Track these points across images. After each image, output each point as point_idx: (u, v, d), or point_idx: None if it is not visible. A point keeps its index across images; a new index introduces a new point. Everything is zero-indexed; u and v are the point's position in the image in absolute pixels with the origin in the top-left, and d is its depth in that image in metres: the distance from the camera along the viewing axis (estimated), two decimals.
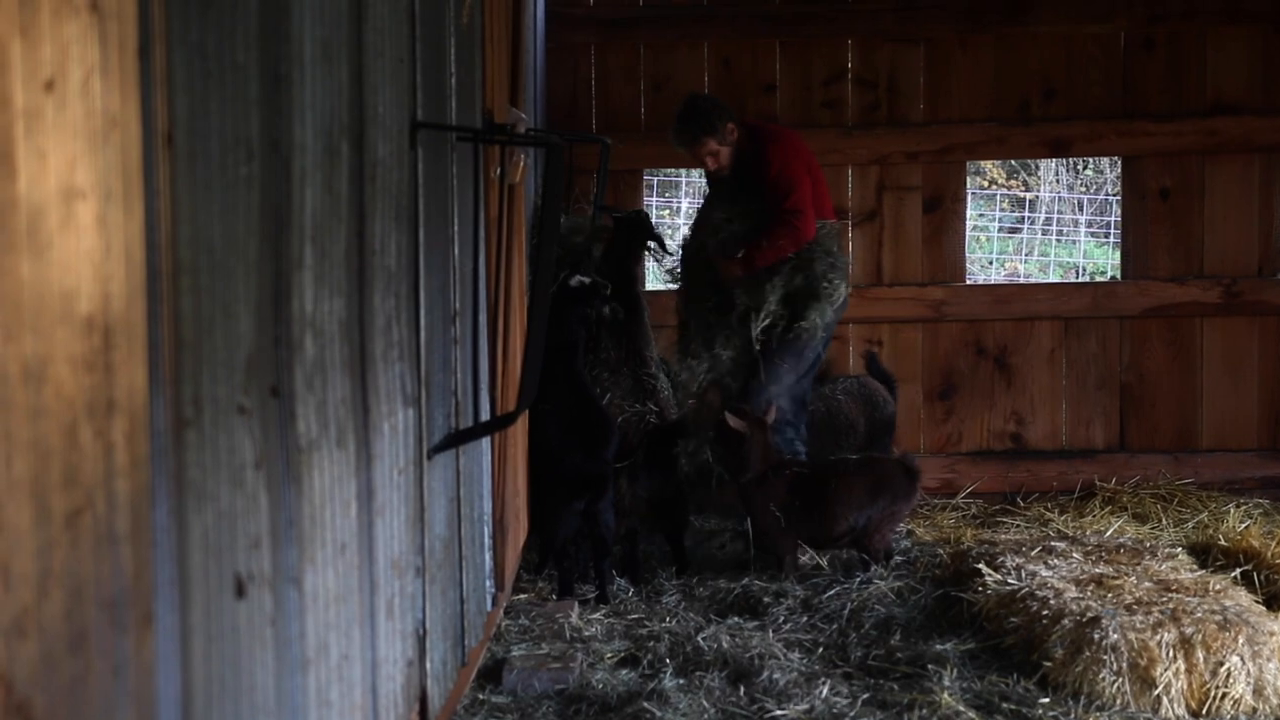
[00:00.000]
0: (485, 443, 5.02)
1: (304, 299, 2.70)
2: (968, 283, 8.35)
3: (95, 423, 1.75)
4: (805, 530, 6.21)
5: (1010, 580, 5.43)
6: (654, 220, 7.77)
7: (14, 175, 1.55)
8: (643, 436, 6.32)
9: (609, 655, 5.20)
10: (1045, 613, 5.00)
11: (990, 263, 16.08)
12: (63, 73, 1.66)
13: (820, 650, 5.25)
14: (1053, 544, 5.92)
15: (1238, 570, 5.80)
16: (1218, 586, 5.20)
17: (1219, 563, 6.07)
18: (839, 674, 4.98)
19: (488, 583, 5.13)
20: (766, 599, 5.84)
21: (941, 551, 6.38)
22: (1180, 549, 6.13)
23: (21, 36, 1.56)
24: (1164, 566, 5.54)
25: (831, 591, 5.89)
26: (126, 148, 1.84)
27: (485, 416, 4.91)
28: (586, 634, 5.47)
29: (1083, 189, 17.33)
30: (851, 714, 4.57)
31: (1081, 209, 16.85)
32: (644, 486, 6.25)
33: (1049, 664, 4.77)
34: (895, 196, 7.95)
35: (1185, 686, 4.57)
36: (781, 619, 5.61)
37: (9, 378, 1.54)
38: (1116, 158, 9.36)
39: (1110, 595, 5.07)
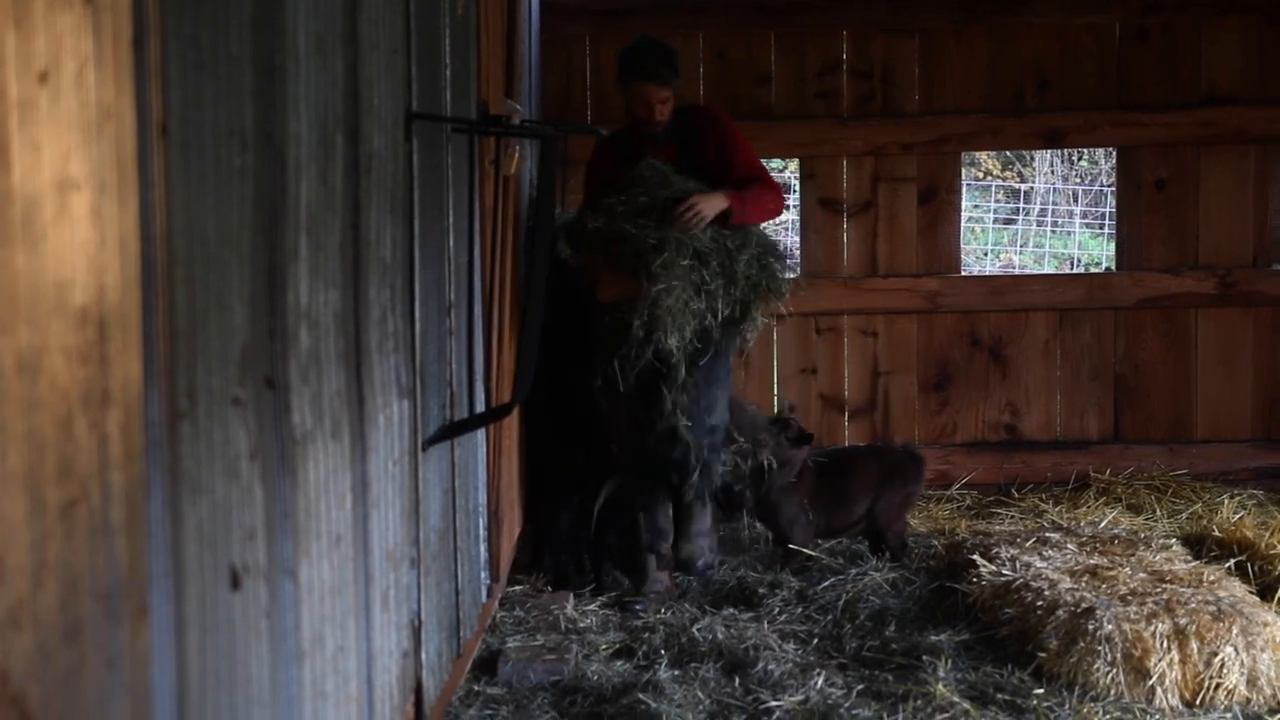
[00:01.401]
0: (480, 434, 5.02)
1: (299, 291, 2.69)
2: (963, 274, 8.35)
3: (90, 414, 1.75)
4: (823, 520, 6.27)
5: (1005, 571, 5.44)
6: None
7: (8, 167, 1.55)
8: None
9: (604, 647, 5.21)
10: (1040, 604, 5.01)
11: (985, 254, 16.10)
12: (57, 64, 1.66)
13: (815, 641, 5.26)
14: (1047, 535, 5.93)
15: (1232, 561, 5.81)
16: (1212, 577, 5.21)
17: (1213, 553, 6.08)
18: (834, 665, 4.99)
19: (483, 574, 5.13)
20: (761, 590, 5.85)
21: (936, 543, 6.39)
22: (1174, 540, 6.14)
23: (15, 28, 1.56)
24: (1158, 557, 5.55)
25: (826, 583, 5.89)
26: (121, 139, 1.84)
27: (480, 408, 4.91)
28: (581, 625, 5.48)
29: (1077, 180, 17.35)
30: (846, 705, 4.57)
31: (1076, 200, 16.87)
32: None
33: (1043, 655, 4.78)
34: (890, 187, 7.94)
35: (1179, 677, 4.58)
36: (776, 610, 5.62)
37: (3, 369, 1.54)
38: (1111, 149, 9.36)
39: (1105, 586, 5.08)
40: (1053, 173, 17.22)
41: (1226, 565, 5.70)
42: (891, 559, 6.21)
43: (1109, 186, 14.96)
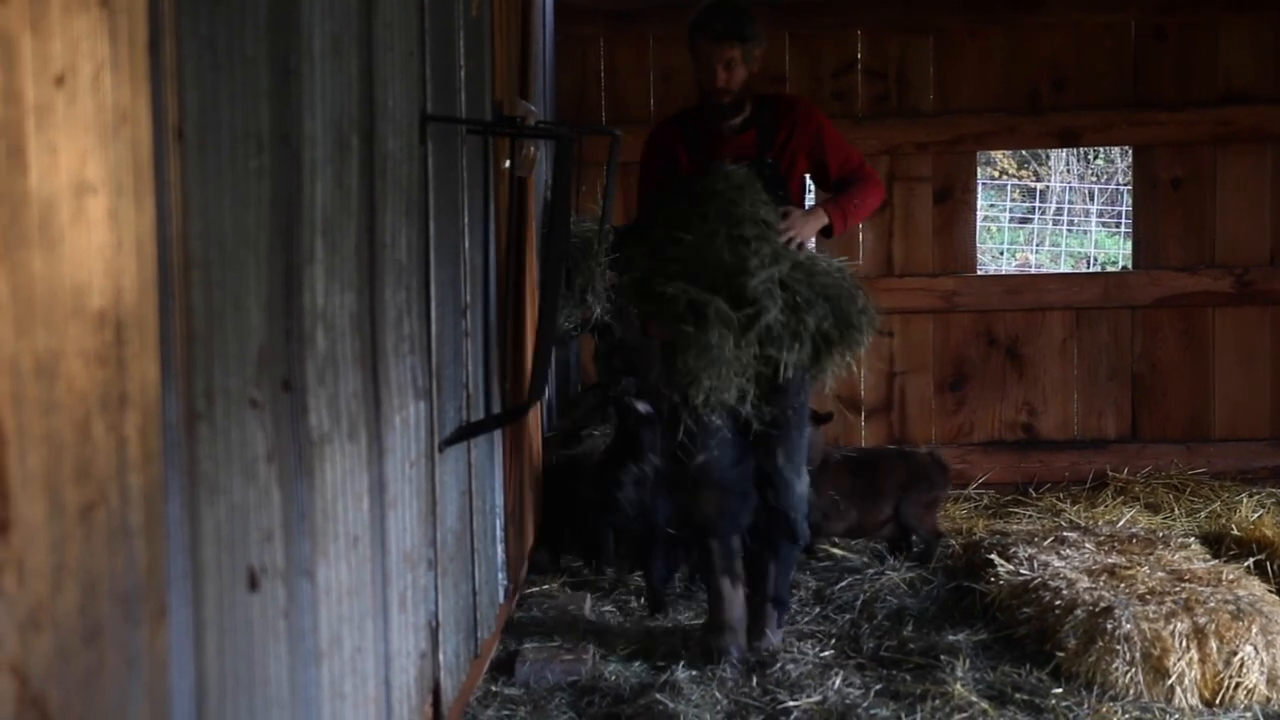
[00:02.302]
0: (497, 435, 5.02)
1: (315, 292, 2.70)
2: (979, 273, 8.34)
3: (108, 417, 1.75)
4: (853, 517, 6.27)
5: (1023, 571, 5.42)
6: None
7: (25, 170, 1.55)
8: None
9: (621, 647, 5.20)
10: (1058, 603, 5.00)
11: (1001, 253, 16.06)
12: (73, 68, 1.66)
13: (833, 641, 5.25)
14: (1065, 534, 5.91)
15: (1251, 560, 5.79)
16: (1231, 576, 5.19)
17: (1232, 552, 6.05)
18: (852, 665, 4.98)
19: (500, 575, 5.13)
20: None
21: (954, 542, 6.38)
22: (1193, 539, 6.12)
23: (32, 31, 1.56)
24: (1177, 556, 5.53)
25: (844, 583, 5.89)
26: (137, 142, 1.85)
27: (496, 409, 4.91)
28: (599, 626, 5.48)
29: (1094, 179, 17.30)
30: (864, 705, 4.57)
31: (1092, 199, 16.82)
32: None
33: (1062, 654, 4.76)
34: (906, 187, 7.93)
35: (1199, 676, 4.56)
36: (794, 610, 5.61)
37: (22, 372, 1.54)
38: (1127, 147, 9.34)
39: (1123, 585, 5.06)
40: (1069, 171, 17.18)
41: (1245, 564, 5.68)
42: (923, 558, 6.21)
43: (1125, 185, 14.92)
